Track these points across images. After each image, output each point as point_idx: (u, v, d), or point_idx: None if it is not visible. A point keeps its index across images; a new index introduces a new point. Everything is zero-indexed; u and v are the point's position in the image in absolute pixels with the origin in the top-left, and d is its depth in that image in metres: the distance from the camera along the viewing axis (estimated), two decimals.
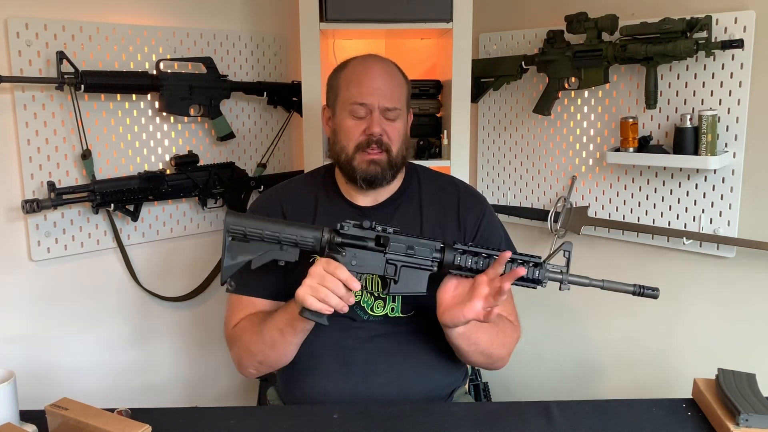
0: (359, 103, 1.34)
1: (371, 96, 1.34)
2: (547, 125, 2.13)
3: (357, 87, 1.35)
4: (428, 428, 1.18)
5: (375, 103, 1.34)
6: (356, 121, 1.36)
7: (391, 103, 1.36)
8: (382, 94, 1.35)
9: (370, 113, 1.35)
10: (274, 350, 1.31)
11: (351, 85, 1.36)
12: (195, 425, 1.20)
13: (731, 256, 1.78)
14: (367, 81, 1.35)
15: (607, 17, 1.81)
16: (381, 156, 1.35)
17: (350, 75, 1.38)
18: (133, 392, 2.03)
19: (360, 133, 1.35)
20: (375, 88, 1.35)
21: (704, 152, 1.69)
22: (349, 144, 1.36)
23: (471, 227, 1.43)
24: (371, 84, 1.35)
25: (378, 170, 1.35)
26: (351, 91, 1.35)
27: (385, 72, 1.38)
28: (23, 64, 1.69)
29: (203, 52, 2.03)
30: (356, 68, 1.38)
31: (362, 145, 1.35)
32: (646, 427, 1.18)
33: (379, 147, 1.35)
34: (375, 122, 1.34)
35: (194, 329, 2.16)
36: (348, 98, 1.36)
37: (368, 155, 1.35)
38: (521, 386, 2.33)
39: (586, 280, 1.22)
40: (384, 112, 1.35)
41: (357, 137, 1.36)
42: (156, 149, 1.99)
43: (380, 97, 1.34)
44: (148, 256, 2.02)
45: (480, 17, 1.97)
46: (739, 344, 1.81)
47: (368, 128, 1.34)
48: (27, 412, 1.19)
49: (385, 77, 1.37)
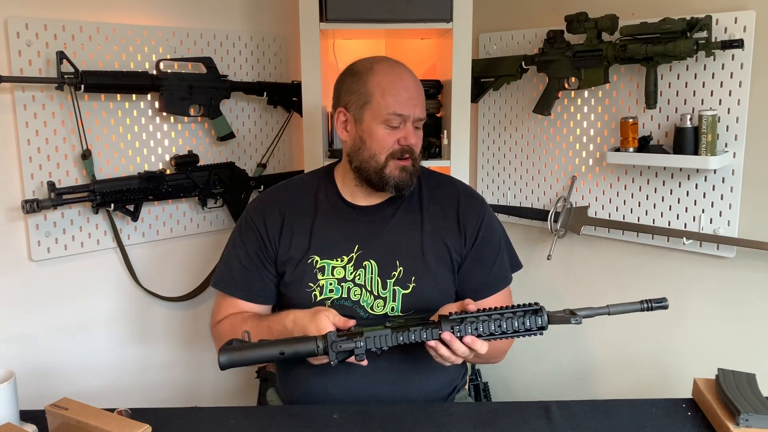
0: (398, 113, 1.35)
1: (408, 107, 1.35)
2: (547, 125, 2.13)
3: (394, 97, 1.35)
4: (428, 428, 1.18)
5: (411, 113, 1.36)
6: (390, 131, 1.36)
7: (423, 114, 1.39)
8: (417, 104, 1.37)
9: (404, 123, 1.36)
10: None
11: (387, 94, 1.35)
12: (195, 425, 1.20)
13: (731, 256, 1.78)
14: (405, 91, 1.36)
15: (607, 17, 1.81)
16: (409, 163, 1.38)
17: (385, 83, 1.36)
18: (132, 392, 2.03)
19: (394, 142, 1.37)
20: (410, 98, 1.36)
21: (704, 152, 1.69)
22: (382, 152, 1.37)
23: (471, 231, 1.43)
24: (408, 94, 1.36)
25: (408, 177, 1.38)
26: (387, 100, 1.35)
27: (416, 82, 1.39)
28: (23, 64, 1.69)
29: (203, 52, 2.03)
30: (389, 76, 1.37)
31: (396, 154, 1.36)
32: (646, 427, 1.18)
33: (411, 155, 1.37)
34: (411, 133, 1.37)
35: (194, 329, 2.16)
36: (384, 107, 1.35)
37: (401, 163, 1.37)
38: (521, 386, 2.33)
39: (592, 311, 1.19)
40: (415, 122, 1.38)
41: (390, 146, 1.37)
42: (156, 149, 1.99)
43: (416, 108, 1.36)
44: (148, 256, 2.02)
45: (480, 17, 1.97)
46: (739, 344, 1.81)
47: (404, 138, 1.36)
48: (27, 412, 1.20)
49: (418, 86, 1.39)
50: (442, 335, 1.16)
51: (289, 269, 1.39)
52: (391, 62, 1.41)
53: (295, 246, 1.40)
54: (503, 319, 1.17)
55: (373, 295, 1.37)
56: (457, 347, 1.17)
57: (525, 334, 1.18)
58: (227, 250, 1.48)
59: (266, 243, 1.41)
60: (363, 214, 1.42)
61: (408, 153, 1.37)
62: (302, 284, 1.37)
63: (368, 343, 1.17)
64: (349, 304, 1.36)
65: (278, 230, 1.41)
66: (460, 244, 1.42)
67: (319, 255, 1.38)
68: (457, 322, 1.17)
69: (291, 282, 1.39)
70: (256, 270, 1.42)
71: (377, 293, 1.37)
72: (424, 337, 1.18)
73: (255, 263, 1.41)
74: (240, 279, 1.42)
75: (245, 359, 1.17)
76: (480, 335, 1.17)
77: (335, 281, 1.37)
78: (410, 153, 1.37)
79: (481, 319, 1.17)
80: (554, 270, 2.18)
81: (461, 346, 1.17)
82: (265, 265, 1.41)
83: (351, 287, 1.37)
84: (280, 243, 1.40)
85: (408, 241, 1.40)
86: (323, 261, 1.38)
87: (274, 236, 1.41)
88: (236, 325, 1.37)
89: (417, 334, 1.18)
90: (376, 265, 1.37)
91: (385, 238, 1.40)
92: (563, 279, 2.19)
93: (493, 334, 1.17)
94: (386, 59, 1.42)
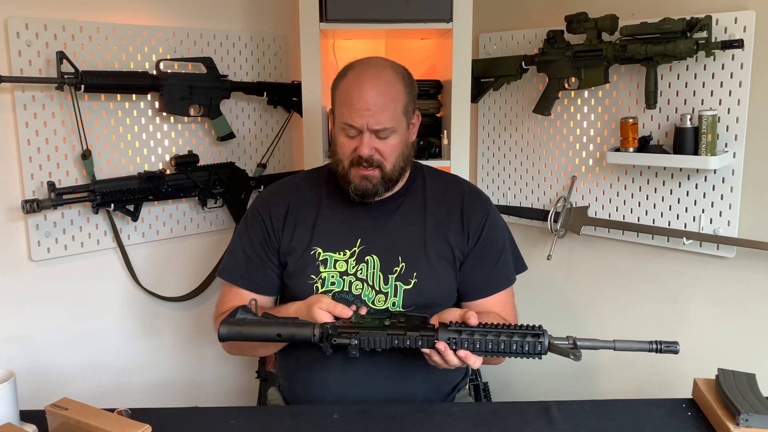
0: (348, 124, 1.33)
1: (360, 118, 1.31)
2: (547, 125, 2.13)
3: (348, 107, 1.32)
4: (428, 428, 1.18)
5: (364, 125, 1.31)
6: (348, 139, 1.35)
7: (380, 125, 1.31)
8: (372, 114, 1.31)
9: (359, 133, 1.33)
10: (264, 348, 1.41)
11: (343, 103, 1.34)
12: (195, 425, 1.21)
13: (731, 256, 1.78)
14: (358, 101, 1.30)
15: (607, 17, 1.81)
16: (373, 172, 1.35)
17: (344, 91, 1.34)
18: (132, 392, 2.03)
19: (351, 150, 1.35)
20: (364, 109, 1.30)
21: (704, 152, 1.69)
22: (344, 158, 1.37)
23: (474, 229, 1.43)
24: (361, 104, 1.31)
25: (369, 186, 1.36)
26: (342, 109, 1.34)
27: (378, 90, 1.32)
28: (23, 64, 1.69)
29: (203, 52, 2.03)
30: (350, 85, 1.33)
31: (354, 162, 1.35)
32: (646, 427, 1.18)
33: (370, 164, 1.34)
34: (364, 144, 1.33)
35: (194, 329, 2.16)
36: (340, 116, 1.35)
37: (360, 171, 1.35)
38: (521, 386, 2.33)
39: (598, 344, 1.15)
40: (375, 133, 1.33)
41: (349, 154, 1.36)
42: (156, 149, 1.99)
43: (369, 119, 1.31)
44: (148, 256, 2.02)
45: (480, 17, 1.97)
46: (739, 344, 1.81)
47: (358, 149, 1.34)
48: (27, 412, 1.20)
49: (378, 95, 1.31)
50: (437, 345, 1.16)
51: (292, 260, 1.40)
52: (365, 68, 1.35)
53: (298, 237, 1.41)
54: (501, 338, 1.15)
55: (374, 289, 1.37)
56: (450, 359, 1.17)
57: (522, 356, 1.16)
58: (233, 240, 1.50)
59: (270, 234, 1.43)
60: (366, 209, 1.43)
61: (367, 162, 1.33)
62: (305, 275, 1.38)
63: (363, 343, 1.18)
64: (350, 298, 1.37)
65: (282, 221, 1.43)
66: (462, 241, 1.42)
67: (322, 247, 1.39)
68: (455, 334, 1.16)
69: (293, 273, 1.40)
70: (260, 260, 1.43)
71: (379, 288, 1.37)
72: (419, 344, 1.18)
73: (259, 254, 1.43)
74: (244, 269, 1.44)
75: (243, 334, 1.20)
76: (475, 351, 1.16)
77: (337, 274, 1.38)
78: (369, 161, 1.33)
79: (480, 334, 1.16)
80: (554, 270, 2.18)
81: (454, 358, 1.17)
82: (268, 256, 1.43)
83: (353, 281, 1.37)
84: (283, 234, 1.42)
85: (411, 236, 1.41)
86: (326, 253, 1.39)
87: (278, 227, 1.43)
88: None
89: (413, 341, 1.18)
90: (378, 260, 1.38)
91: (388, 233, 1.41)
92: (563, 279, 2.19)
93: (489, 351, 1.16)
94: (362, 64, 1.37)
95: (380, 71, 1.35)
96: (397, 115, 1.34)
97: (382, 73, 1.35)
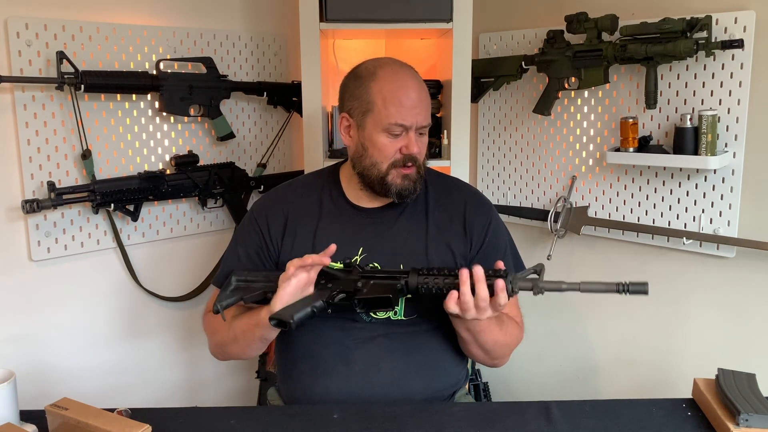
0: (399, 123, 1.32)
1: (411, 117, 1.32)
2: (547, 125, 2.14)
3: (396, 107, 1.31)
4: (428, 428, 1.18)
5: (414, 122, 1.33)
6: (392, 140, 1.34)
7: (426, 122, 1.35)
8: (420, 113, 1.33)
9: (406, 131, 1.34)
10: (235, 345, 1.37)
11: (389, 103, 1.32)
12: (195, 425, 1.20)
13: (731, 256, 1.78)
14: (407, 99, 1.32)
15: (607, 17, 1.81)
16: (413, 170, 1.36)
17: (386, 91, 1.32)
18: (132, 392, 2.03)
19: (396, 150, 1.34)
20: (413, 106, 1.32)
21: (704, 152, 1.69)
22: (384, 161, 1.35)
23: (477, 235, 1.42)
24: (411, 102, 1.32)
25: (412, 185, 1.36)
26: (389, 110, 1.32)
27: (421, 88, 1.35)
28: (23, 64, 1.69)
29: (203, 52, 2.03)
30: (392, 84, 1.33)
31: (398, 163, 1.34)
32: (646, 427, 1.18)
33: (414, 163, 1.35)
34: (414, 142, 1.34)
35: (194, 329, 2.16)
36: (386, 117, 1.32)
37: (403, 171, 1.35)
38: (521, 386, 2.33)
39: (562, 285, 1.16)
40: (419, 129, 1.35)
41: (392, 155, 1.34)
42: (156, 149, 1.99)
43: (418, 116, 1.33)
44: (148, 256, 2.02)
45: (480, 17, 1.97)
46: (739, 344, 1.81)
47: (406, 147, 1.34)
48: (27, 412, 1.20)
49: (421, 94, 1.35)
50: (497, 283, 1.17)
51: None
52: (396, 67, 1.37)
53: (298, 248, 1.38)
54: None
55: None
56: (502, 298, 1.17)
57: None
58: (229, 248, 1.47)
59: (268, 244, 1.40)
60: (368, 217, 1.41)
61: (411, 161, 1.34)
62: None
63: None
64: None
65: (281, 231, 1.40)
66: (465, 247, 1.41)
67: None
68: (423, 274, 1.22)
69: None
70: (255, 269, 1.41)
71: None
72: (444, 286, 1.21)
73: (255, 263, 1.41)
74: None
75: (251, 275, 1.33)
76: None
77: None
78: (413, 161, 1.35)
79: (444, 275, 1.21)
80: (554, 270, 2.17)
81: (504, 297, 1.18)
82: (265, 266, 1.41)
83: None
84: (283, 243, 1.39)
85: (412, 244, 1.39)
86: None
87: (276, 237, 1.40)
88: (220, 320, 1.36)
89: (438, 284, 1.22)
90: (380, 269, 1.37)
91: (390, 241, 1.39)
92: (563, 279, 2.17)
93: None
94: (391, 63, 1.38)
95: (412, 71, 1.39)
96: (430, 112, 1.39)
97: (414, 72, 1.39)
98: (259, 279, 1.32)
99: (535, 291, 1.17)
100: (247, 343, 1.34)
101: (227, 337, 1.37)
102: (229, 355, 1.42)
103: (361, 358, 1.34)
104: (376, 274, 1.27)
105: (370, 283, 1.25)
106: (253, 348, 1.37)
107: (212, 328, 1.42)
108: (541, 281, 1.18)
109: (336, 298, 1.24)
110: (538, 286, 1.17)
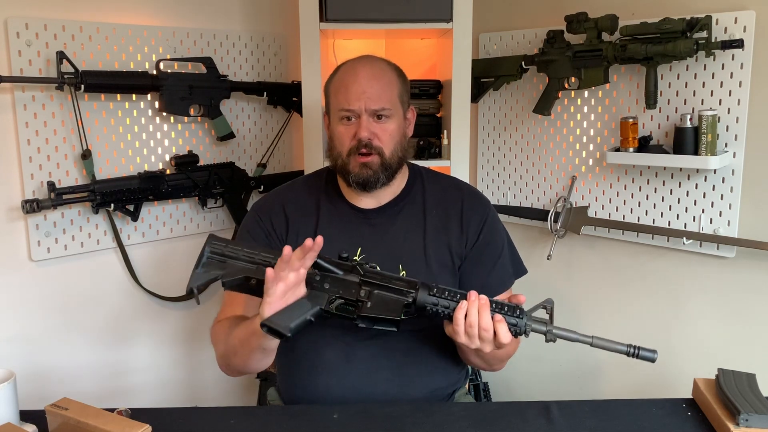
0: (346, 109, 1.35)
1: (357, 101, 1.34)
2: (547, 125, 2.14)
3: (344, 93, 1.35)
4: (428, 428, 1.18)
5: (361, 107, 1.34)
6: (346, 127, 1.36)
7: (378, 105, 1.34)
8: (369, 97, 1.34)
9: (359, 117, 1.35)
10: (236, 357, 1.31)
11: (338, 92, 1.37)
12: (195, 425, 1.20)
13: (731, 256, 1.78)
14: (354, 85, 1.34)
15: (607, 17, 1.81)
16: (373, 159, 1.35)
17: (338, 82, 1.38)
18: (133, 392, 2.03)
19: (350, 137, 1.36)
20: (360, 92, 1.34)
21: (704, 152, 1.69)
22: (343, 149, 1.37)
23: (473, 231, 1.42)
24: (357, 88, 1.34)
25: (370, 173, 1.35)
26: (339, 98, 1.36)
27: (372, 74, 1.36)
28: (23, 64, 1.69)
29: (203, 52, 2.03)
30: (344, 74, 1.38)
31: (353, 150, 1.35)
32: (646, 427, 1.18)
33: (369, 150, 1.35)
34: (363, 126, 1.34)
35: (194, 329, 2.16)
36: (337, 105, 1.37)
37: (360, 159, 1.35)
38: (521, 386, 2.33)
39: (574, 335, 1.15)
40: (373, 115, 1.35)
41: (348, 142, 1.36)
42: (156, 149, 1.99)
43: (366, 101, 1.34)
44: (148, 256, 2.02)
45: (480, 17, 1.97)
46: (739, 344, 1.81)
47: (357, 133, 1.35)
48: (27, 412, 1.19)
49: (372, 79, 1.35)
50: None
51: None
52: (357, 60, 1.40)
53: None
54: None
55: None
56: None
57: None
58: None
59: (274, 239, 1.41)
60: (366, 217, 1.42)
61: (366, 147, 1.34)
62: None
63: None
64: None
65: (285, 230, 1.41)
66: (461, 245, 1.41)
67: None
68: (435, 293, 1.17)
69: None
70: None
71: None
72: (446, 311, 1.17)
73: None
74: None
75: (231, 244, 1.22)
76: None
77: None
78: (369, 147, 1.34)
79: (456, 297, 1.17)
80: (554, 270, 2.18)
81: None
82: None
83: None
84: (287, 242, 1.38)
85: (411, 244, 1.39)
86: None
87: (281, 235, 1.41)
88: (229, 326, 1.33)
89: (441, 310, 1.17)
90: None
91: (388, 241, 1.39)
92: (563, 279, 2.19)
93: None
94: (356, 58, 1.41)
95: (372, 61, 1.41)
96: (393, 98, 1.37)
97: (374, 62, 1.40)
98: (240, 256, 1.21)
99: (548, 337, 1.16)
100: (247, 354, 1.28)
101: (228, 349, 1.32)
102: (234, 367, 1.36)
103: (362, 355, 1.34)
104: (379, 281, 1.20)
105: (373, 294, 1.19)
106: (255, 359, 1.29)
107: (216, 339, 1.38)
108: (554, 328, 1.16)
109: (334, 303, 1.19)
110: (552, 332, 1.15)
